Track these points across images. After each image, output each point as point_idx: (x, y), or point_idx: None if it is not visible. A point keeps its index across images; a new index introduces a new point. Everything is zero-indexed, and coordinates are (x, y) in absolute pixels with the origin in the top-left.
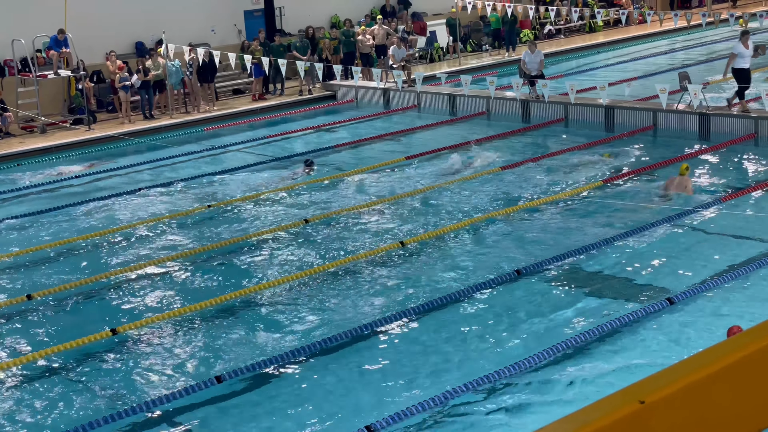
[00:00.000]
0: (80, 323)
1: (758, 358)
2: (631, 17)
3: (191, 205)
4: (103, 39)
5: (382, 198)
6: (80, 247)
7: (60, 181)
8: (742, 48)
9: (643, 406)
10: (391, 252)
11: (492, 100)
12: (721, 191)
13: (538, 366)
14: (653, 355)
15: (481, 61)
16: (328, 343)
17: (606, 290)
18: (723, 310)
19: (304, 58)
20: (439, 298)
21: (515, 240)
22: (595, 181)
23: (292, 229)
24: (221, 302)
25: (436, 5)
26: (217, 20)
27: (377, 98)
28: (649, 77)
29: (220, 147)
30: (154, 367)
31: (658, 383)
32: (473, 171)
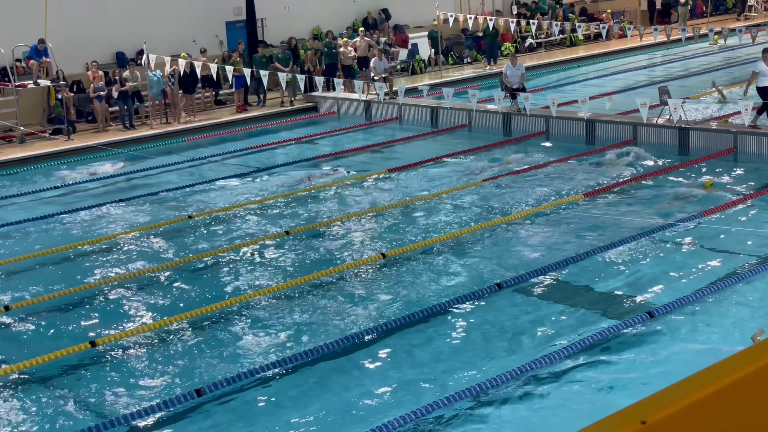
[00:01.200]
0: (58, 335)
1: (760, 377)
2: (612, 31)
3: (172, 215)
4: (84, 49)
5: (364, 210)
6: (59, 258)
7: (38, 192)
8: (763, 66)
9: (644, 427)
10: (373, 264)
11: (473, 112)
12: (702, 205)
13: (519, 379)
14: (633, 369)
15: (463, 73)
16: (308, 356)
17: (587, 303)
18: (703, 324)
19: (286, 70)
20: (419, 311)
21: (496, 253)
22: (576, 194)
23: (273, 240)
24: (201, 314)
25: (418, 18)
26: (198, 31)
27: (359, 110)
28: (629, 91)
29: (200, 158)
30: (133, 380)
31: (660, 403)
32: (460, 183)
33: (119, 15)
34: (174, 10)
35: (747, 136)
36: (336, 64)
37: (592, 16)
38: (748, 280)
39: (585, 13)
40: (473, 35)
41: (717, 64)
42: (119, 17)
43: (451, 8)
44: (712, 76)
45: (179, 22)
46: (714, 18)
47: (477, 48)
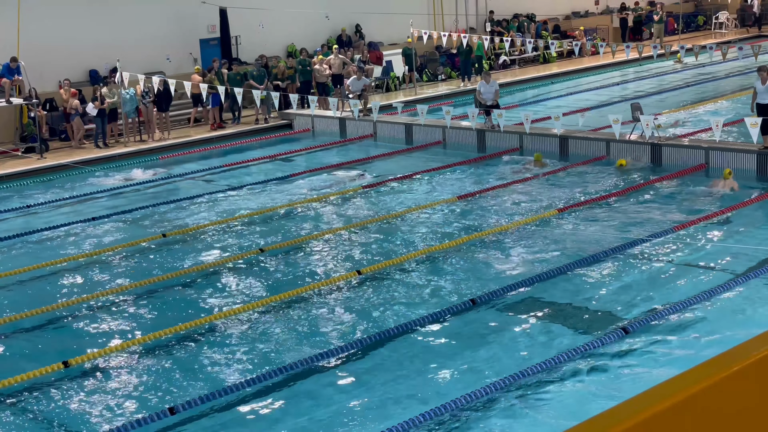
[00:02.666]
0: (30, 356)
1: (719, 390)
2: (584, 48)
3: (146, 233)
4: (56, 67)
5: (339, 227)
6: (30, 277)
7: (8, 211)
8: (759, 84)
9: None
10: (348, 281)
11: (448, 129)
12: (673, 220)
13: (493, 396)
14: (609, 385)
15: (437, 90)
16: (281, 374)
17: (561, 319)
18: (677, 340)
19: (260, 87)
20: (394, 328)
21: (470, 269)
22: (551, 210)
23: (247, 257)
24: (174, 332)
25: (392, 35)
26: (172, 49)
27: (333, 127)
28: (602, 108)
29: (175, 176)
30: (106, 399)
31: (620, 415)
32: (434, 199)
33: (92, 33)
34: (148, 27)
35: (718, 152)
36: (310, 82)
37: (565, 33)
38: (721, 296)
39: (558, 30)
40: (447, 52)
41: (689, 80)
42: (92, 35)
43: (425, 26)
44: (683, 93)
45: (153, 40)
46: (685, 35)
47: (451, 65)
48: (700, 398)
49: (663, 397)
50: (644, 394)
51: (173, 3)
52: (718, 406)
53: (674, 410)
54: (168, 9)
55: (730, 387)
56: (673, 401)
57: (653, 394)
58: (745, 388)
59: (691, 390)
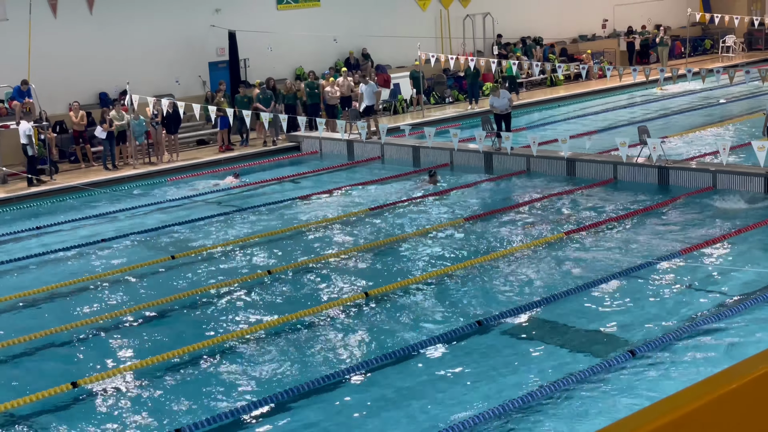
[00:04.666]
0: (39, 376)
1: (725, 403)
2: (591, 71)
3: (155, 255)
4: (67, 89)
5: (346, 249)
6: (40, 298)
7: (19, 233)
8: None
9: None
10: (355, 303)
11: (455, 151)
12: (680, 243)
13: (500, 415)
14: (615, 409)
15: (445, 113)
16: (288, 396)
17: (567, 342)
18: (684, 361)
19: (267, 110)
20: (400, 350)
21: (477, 291)
22: (558, 233)
23: (255, 279)
24: (182, 354)
25: (400, 58)
26: (181, 71)
27: (341, 149)
28: (609, 130)
29: (184, 197)
30: (114, 420)
31: (627, 428)
32: (441, 221)
33: (102, 56)
34: (157, 50)
35: (726, 175)
36: (318, 104)
37: (572, 57)
38: (729, 318)
39: (565, 54)
40: (455, 75)
41: (696, 104)
42: (102, 58)
43: (432, 48)
44: (691, 116)
45: (162, 63)
46: (692, 59)
47: (459, 88)
48: (698, 414)
49: (662, 413)
50: (645, 410)
51: (183, 26)
52: (717, 421)
53: (673, 426)
54: (177, 32)
55: (730, 403)
56: (671, 417)
57: (653, 410)
58: (745, 404)
59: (689, 407)
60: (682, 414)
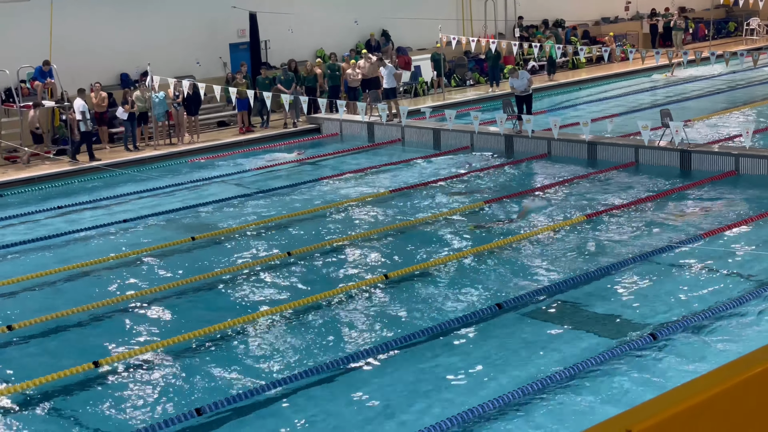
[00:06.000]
0: (61, 355)
1: (743, 390)
2: (614, 54)
3: (175, 236)
4: (88, 70)
5: (366, 231)
6: (62, 278)
7: (41, 212)
8: None
9: None
10: (375, 285)
11: (476, 134)
12: (703, 227)
13: (520, 400)
14: (635, 392)
15: (466, 95)
16: (308, 376)
17: (588, 325)
18: (705, 345)
19: (288, 92)
20: (419, 332)
21: (497, 274)
22: (579, 216)
23: (275, 260)
24: (202, 334)
25: (421, 40)
26: (202, 53)
27: (362, 132)
28: (631, 114)
29: (204, 178)
30: (134, 399)
31: (645, 413)
32: (461, 204)
33: (124, 37)
34: (178, 32)
35: (748, 159)
36: (339, 86)
37: (594, 39)
38: (752, 303)
39: (587, 36)
40: (476, 57)
41: (719, 87)
42: (124, 39)
43: (453, 31)
44: (715, 99)
45: (183, 44)
46: (716, 41)
47: (479, 70)
48: (720, 399)
49: (684, 398)
50: (667, 394)
51: (204, 8)
52: (737, 407)
53: (694, 411)
54: (198, 14)
55: (752, 388)
56: (694, 402)
57: (675, 394)
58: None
59: (711, 391)
60: (704, 399)
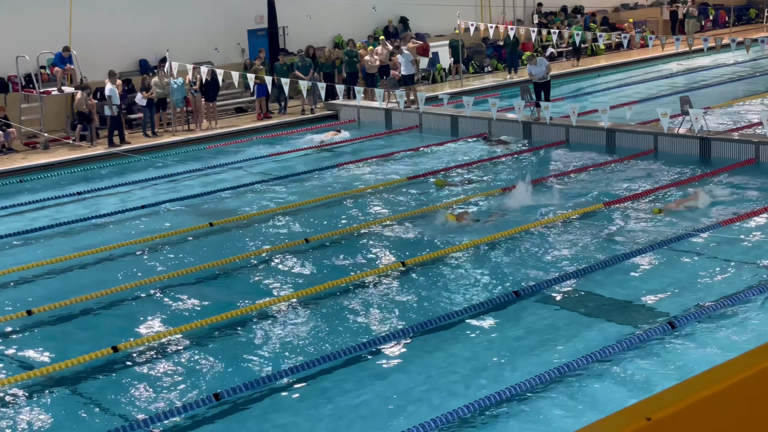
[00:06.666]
0: (80, 340)
1: (763, 378)
2: (633, 41)
3: (193, 222)
4: (107, 56)
5: (383, 217)
6: (81, 263)
7: (61, 198)
8: None
9: (649, 423)
10: (392, 272)
11: (494, 121)
12: (722, 215)
13: (540, 387)
14: (654, 380)
15: (484, 82)
16: (325, 362)
17: (605, 313)
18: (724, 334)
19: (306, 78)
20: (436, 319)
21: (515, 261)
22: (597, 203)
23: (292, 247)
24: (220, 320)
25: (439, 27)
26: (220, 39)
27: (379, 118)
28: (650, 101)
29: (222, 165)
30: (153, 384)
31: (665, 401)
32: (480, 191)
33: (142, 23)
34: (196, 18)
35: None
36: (356, 73)
37: (613, 26)
38: None
39: (607, 23)
40: (494, 44)
41: (740, 74)
42: (142, 25)
43: (472, 17)
44: (735, 86)
45: (202, 31)
46: (736, 28)
47: (498, 57)
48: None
49: (702, 387)
50: (685, 383)
51: None
52: (757, 395)
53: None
54: (217, 0)
55: None
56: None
57: (693, 383)
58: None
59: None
60: (724, 387)
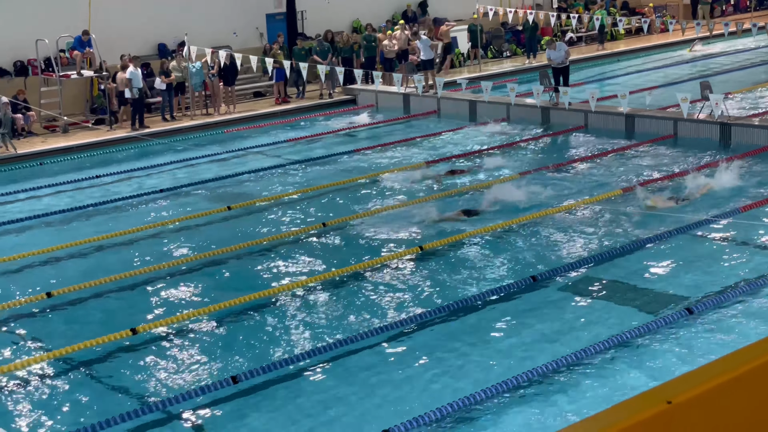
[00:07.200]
0: (100, 322)
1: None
2: (653, 26)
3: (211, 206)
4: (126, 41)
5: (402, 202)
6: (100, 246)
7: (80, 181)
8: None
9: (670, 407)
10: (410, 256)
11: (512, 106)
12: (742, 201)
13: (560, 371)
14: (671, 367)
15: (502, 67)
16: (344, 345)
17: (624, 299)
18: (743, 321)
19: (324, 62)
20: (453, 303)
21: (532, 247)
22: (615, 189)
23: (310, 232)
24: (238, 304)
25: (458, 11)
26: (239, 23)
27: (397, 103)
28: (670, 86)
29: (240, 149)
30: (171, 366)
31: (686, 384)
32: (497, 177)
33: (161, 7)
34: (215, 2)
35: None
36: (375, 57)
37: (633, 10)
38: None
39: (627, 7)
40: (513, 29)
41: (762, 59)
42: (161, 9)
43: (490, 2)
44: (756, 72)
45: (220, 15)
46: (758, 12)
47: (516, 42)
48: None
49: (723, 371)
50: (704, 367)
51: None
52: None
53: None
54: None
55: None
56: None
57: (713, 368)
58: None
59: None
60: (744, 371)
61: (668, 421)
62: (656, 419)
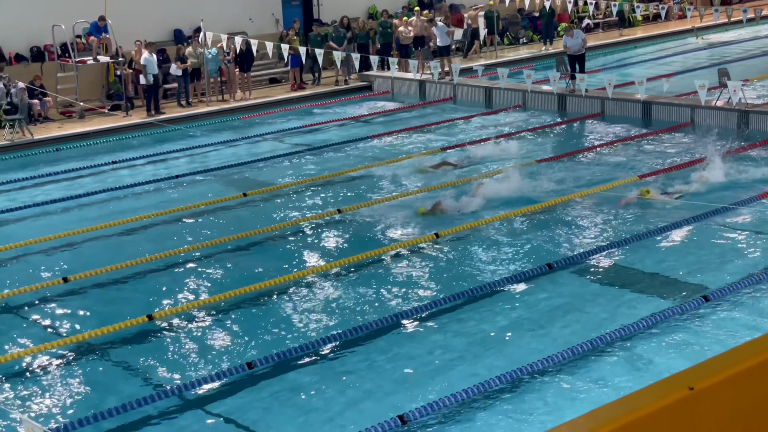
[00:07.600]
0: (116, 308)
1: None
2: (671, 12)
3: (226, 192)
4: (142, 26)
5: (416, 189)
6: (116, 232)
7: (96, 167)
8: None
9: (692, 393)
10: (425, 243)
11: (528, 93)
12: (759, 188)
13: (579, 357)
14: (688, 353)
15: (519, 54)
16: (359, 332)
17: (640, 286)
18: (760, 309)
19: (340, 49)
20: (469, 290)
21: (549, 234)
22: (632, 176)
23: (325, 218)
24: (254, 290)
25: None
26: (254, 9)
27: (413, 90)
28: (687, 73)
29: (256, 135)
30: (186, 352)
31: (709, 370)
32: (514, 163)
33: None
34: None
35: None
36: (390, 44)
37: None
38: None
39: None
40: (530, 15)
41: None
42: None
43: None
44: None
45: (236, 1)
46: None
47: (533, 28)
48: None
49: (744, 358)
50: (726, 354)
51: None
52: None
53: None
54: None
55: None
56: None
57: (734, 355)
58: None
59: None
60: (762, 360)
61: (690, 406)
62: (678, 405)
